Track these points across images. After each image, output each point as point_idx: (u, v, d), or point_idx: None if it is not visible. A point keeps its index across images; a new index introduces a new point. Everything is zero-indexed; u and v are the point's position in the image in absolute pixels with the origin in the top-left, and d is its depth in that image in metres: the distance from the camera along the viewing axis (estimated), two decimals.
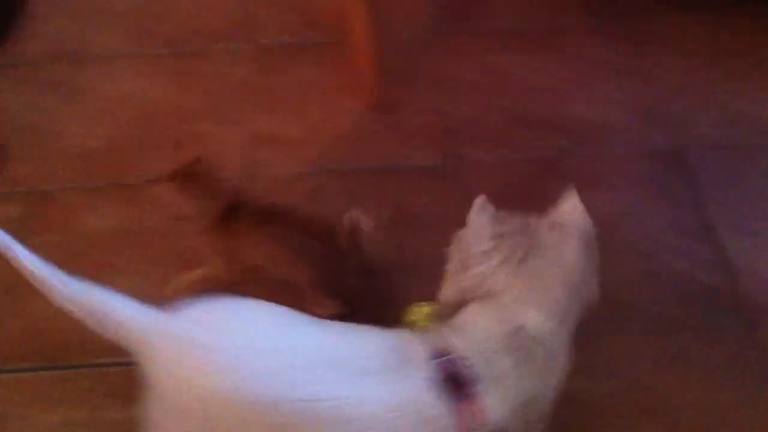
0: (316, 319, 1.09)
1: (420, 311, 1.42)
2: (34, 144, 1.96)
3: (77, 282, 1.04)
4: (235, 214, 1.47)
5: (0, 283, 1.67)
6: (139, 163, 1.88)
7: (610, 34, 2.14)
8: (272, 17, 2.25)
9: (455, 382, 1.02)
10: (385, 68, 1.93)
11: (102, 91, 2.09)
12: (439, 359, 1.04)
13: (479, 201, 1.13)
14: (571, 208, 1.15)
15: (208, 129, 1.96)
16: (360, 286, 1.48)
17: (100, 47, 2.21)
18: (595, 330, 1.52)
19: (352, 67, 1.97)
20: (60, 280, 1.03)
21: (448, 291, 1.16)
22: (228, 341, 1.00)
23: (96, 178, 1.87)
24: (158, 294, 1.57)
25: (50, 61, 2.19)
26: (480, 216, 1.12)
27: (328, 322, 1.11)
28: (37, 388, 1.52)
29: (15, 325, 1.61)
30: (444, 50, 2.13)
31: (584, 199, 1.72)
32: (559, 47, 2.13)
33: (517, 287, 1.09)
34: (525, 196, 1.64)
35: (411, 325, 1.38)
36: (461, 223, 1.15)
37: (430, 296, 1.23)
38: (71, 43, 2.23)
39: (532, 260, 1.09)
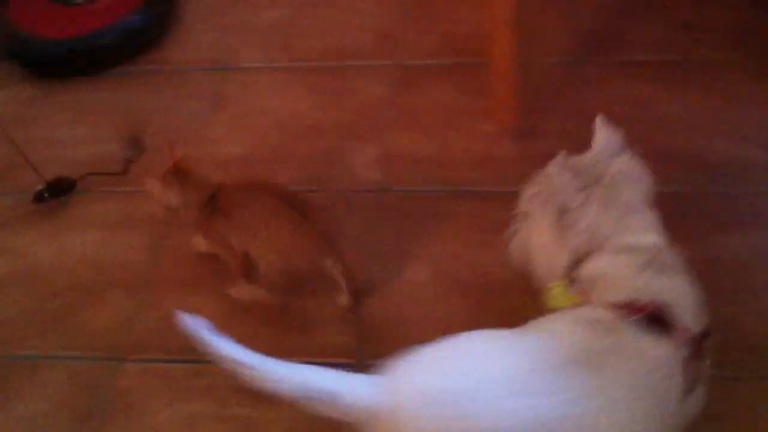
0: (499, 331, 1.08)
1: (556, 293, 1.39)
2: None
3: (287, 367, 1.03)
4: (215, 201, 1.60)
5: (138, 276, 1.76)
6: (276, 172, 1.95)
7: (756, 69, 2.06)
8: (413, 37, 2.28)
9: (655, 319, 1.04)
10: (524, 93, 1.93)
11: (244, 101, 2.17)
12: (626, 308, 1.05)
13: (558, 160, 1.21)
14: (608, 133, 1.24)
15: (343, 143, 2.00)
16: None
17: (246, 59, 2.30)
18: (729, 375, 1.48)
19: (491, 91, 1.98)
20: (270, 369, 1.02)
21: (559, 259, 1.21)
22: (465, 383, 0.98)
23: None
24: None
25: (198, 69, 2.29)
26: (562, 175, 1.19)
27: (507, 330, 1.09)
28: (169, 380, 1.57)
29: (151, 316, 1.68)
30: (583, 78, 2.10)
31: (721, 238, 1.69)
32: (701, 80, 2.06)
33: (621, 222, 1.16)
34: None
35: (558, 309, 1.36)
36: None
37: None
38: (219, 54, 2.33)
39: (617, 192, 1.17)
